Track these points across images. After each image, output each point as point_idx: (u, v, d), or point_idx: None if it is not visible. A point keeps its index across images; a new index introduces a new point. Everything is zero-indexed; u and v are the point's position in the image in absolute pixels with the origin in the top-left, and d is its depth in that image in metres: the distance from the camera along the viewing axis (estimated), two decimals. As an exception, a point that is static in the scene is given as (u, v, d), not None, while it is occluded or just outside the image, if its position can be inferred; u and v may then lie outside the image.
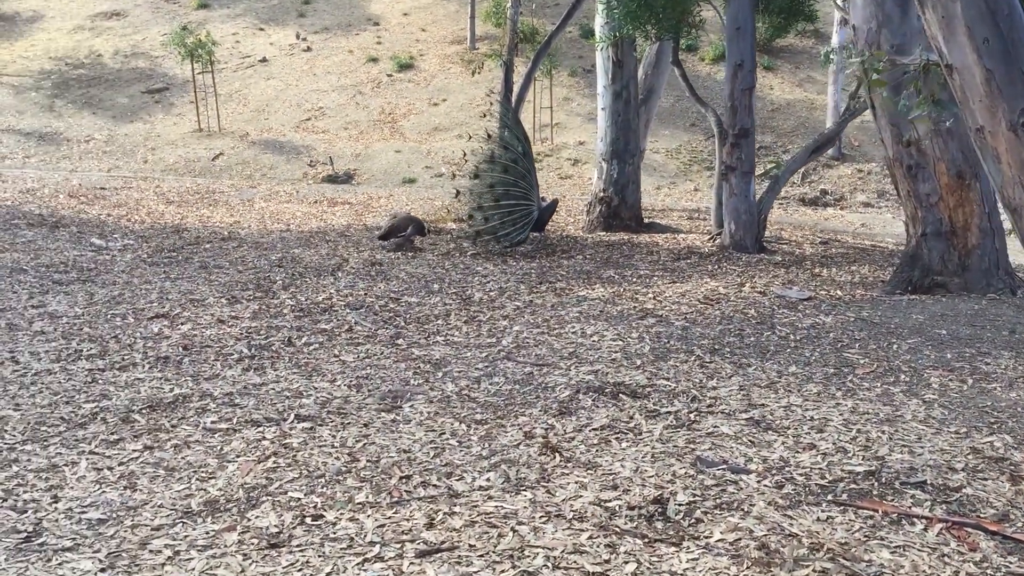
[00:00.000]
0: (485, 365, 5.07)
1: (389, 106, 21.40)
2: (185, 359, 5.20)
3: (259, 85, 22.20)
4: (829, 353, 5.25)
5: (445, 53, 23.67)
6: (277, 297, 7.05)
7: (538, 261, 8.91)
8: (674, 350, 5.30)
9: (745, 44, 9.16)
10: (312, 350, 5.46)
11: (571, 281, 7.76)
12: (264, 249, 9.69)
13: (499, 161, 9.59)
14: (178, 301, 6.80)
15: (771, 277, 7.81)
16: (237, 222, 12.02)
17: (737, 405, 4.25)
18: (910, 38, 6.70)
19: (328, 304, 6.76)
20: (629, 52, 11.29)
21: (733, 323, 5.99)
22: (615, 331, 5.73)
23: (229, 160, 18.66)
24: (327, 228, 11.66)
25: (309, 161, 18.76)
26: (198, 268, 8.40)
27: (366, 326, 6.05)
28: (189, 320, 6.19)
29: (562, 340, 5.58)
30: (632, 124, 11.39)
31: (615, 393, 4.45)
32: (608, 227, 11.32)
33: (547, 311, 6.47)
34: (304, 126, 20.57)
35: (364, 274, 8.15)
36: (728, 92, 9.34)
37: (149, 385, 4.66)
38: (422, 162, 18.92)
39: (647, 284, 7.54)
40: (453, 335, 5.82)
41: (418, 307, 6.69)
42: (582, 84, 22.36)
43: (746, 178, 9.34)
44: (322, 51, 23.88)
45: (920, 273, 6.92)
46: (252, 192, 15.68)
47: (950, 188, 6.69)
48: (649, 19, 10.21)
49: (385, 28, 25.07)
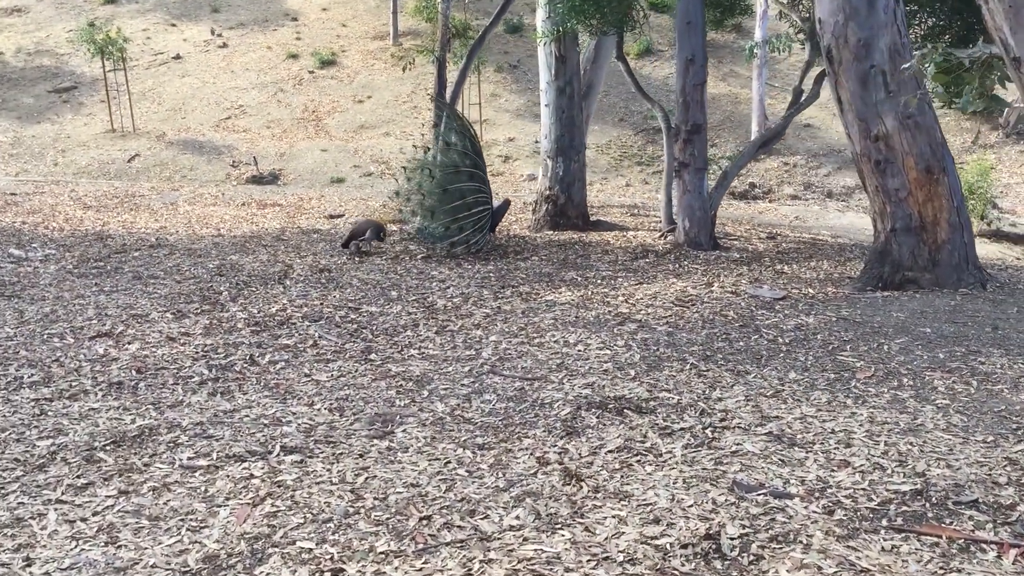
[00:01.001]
0: (471, 381, 4.76)
1: (312, 104, 20.80)
2: (140, 384, 4.76)
3: (174, 83, 21.34)
4: (823, 356, 5.10)
5: (368, 49, 23.15)
6: (226, 309, 6.61)
7: (493, 263, 8.61)
8: (666, 358, 5.08)
9: (696, 39, 9.01)
10: (279, 369, 5.07)
11: (534, 285, 7.48)
12: (198, 256, 9.18)
13: (454, 162, 9.25)
14: (119, 317, 6.31)
15: (736, 276, 7.67)
16: (163, 227, 11.42)
17: (750, 418, 4.04)
18: (876, 31, 6.61)
19: (284, 316, 6.36)
20: (572, 47, 11.06)
21: (716, 327, 5.80)
22: (599, 339, 5.48)
23: (146, 161, 17.86)
24: (261, 232, 11.15)
25: (232, 161, 18.07)
26: (132, 279, 7.87)
27: (332, 340, 5.67)
28: (136, 338, 5.72)
29: (545, 350, 5.31)
30: (576, 120, 11.17)
31: (619, 408, 4.20)
32: (555, 226, 11.08)
33: (519, 318, 6.18)
34: (224, 125, 19.83)
35: (314, 281, 7.74)
36: (680, 87, 9.17)
37: (107, 416, 4.22)
38: (350, 161, 18.41)
39: (613, 286, 7.32)
40: (427, 348, 5.49)
41: (381, 317, 6.33)
42: (509, 80, 22.13)
43: (699, 174, 9.20)
44: (239, 47, 23.10)
45: (890, 269, 6.84)
46: (175, 195, 14.99)
47: (919, 183, 6.63)
48: (594, 13, 10.00)
49: (304, 23, 24.40)
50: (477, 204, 9.07)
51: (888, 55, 6.57)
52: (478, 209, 9.06)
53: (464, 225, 8.96)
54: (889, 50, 6.57)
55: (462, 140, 9.32)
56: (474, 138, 9.41)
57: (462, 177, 9.15)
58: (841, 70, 6.73)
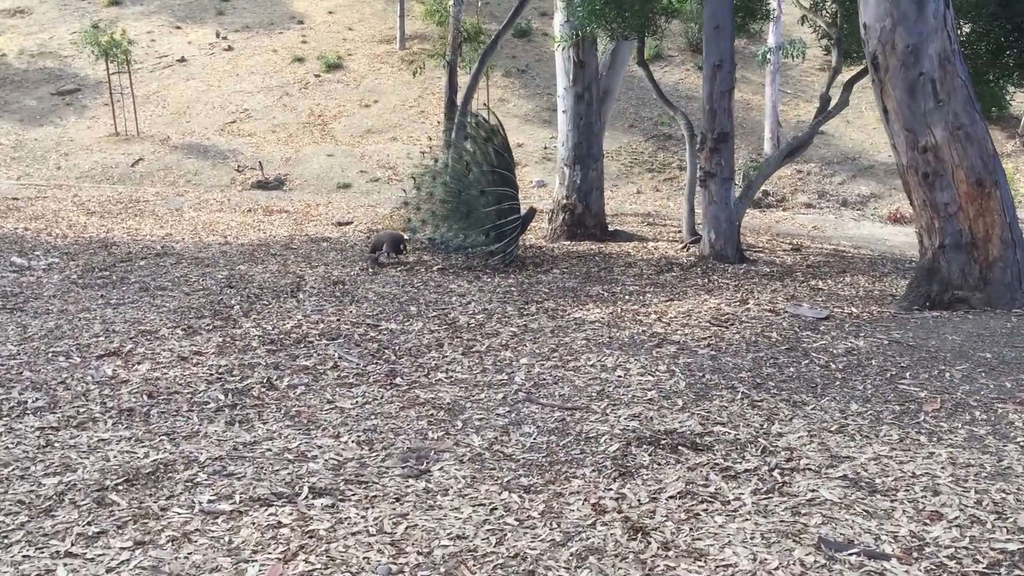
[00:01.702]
0: (507, 410, 4.43)
1: (318, 108, 20.49)
2: (153, 411, 4.43)
3: (178, 86, 21.02)
4: (883, 385, 4.76)
5: (374, 53, 22.85)
6: (239, 325, 6.28)
7: (514, 277, 8.28)
8: (713, 386, 4.74)
9: (724, 44, 8.69)
10: (299, 394, 4.73)
11: (559, 300, 7.15)
12: (206, 266, 8.85)
13: (492, 164, 8.94)
14: (127, 333, 5.97)
15: (771, 292, 7.33)
16: (169, 235, 11.09)
17: (819, 458, 3.70)
18: (925, 37, 6.28)
19: (300, 333, 6.02)
20: (591, 52, 10.74)
21: (762, 350, 5.46)
22: (638, 363, 5.15)
23: (150, 166, 17.53)
24: (269, 240, 10.82)
25: (236, 166, 17.75)
26: (139, 291, 7.54)
27: (353, 361, 5.33)
28: (145, 358, 5.38)
29: (582, 376, 4.97)
30: (595, 127, 10.85)
31: (673, 445, 3.86)
32: (572, 235, 10.75)
33: (549, 338, 5.85)
34: (229, 129, 19.51)
35: (328, 295, 7.41)
36: (707, 94, 8.84)
37: (119, 449, 3.89)
38: (356, 166, 18.09)
39: (643, 302, 6.98)
40: (455, 371, 5.15)
41: (403, 335, 6.00)
42: (517, 85, 21.82)
43: (726, 184, 8.87)
44: (244, 50, 22.79)
45: (939, 287, 6.50)
46: (180, 200, 14.66)
47: (970, 197, 6.30)
48: (615, 18, 9.68)
49: (310, 27, 24.10)
50: (512, 211, 8.76)
51: (938, 62, 6.24)
52: (512, 217, 8.75)
53: (503, 233, 8.64)
54: (939, 57, 6.23)
55: (494, 142, 9.00)
56: (507, 141, 9.10)
57: (497, 181, 8.84)
58: (887, 78, 6.40)
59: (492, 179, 9.03)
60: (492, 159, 9.10)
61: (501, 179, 8.92)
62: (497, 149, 9.04)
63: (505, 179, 8.93)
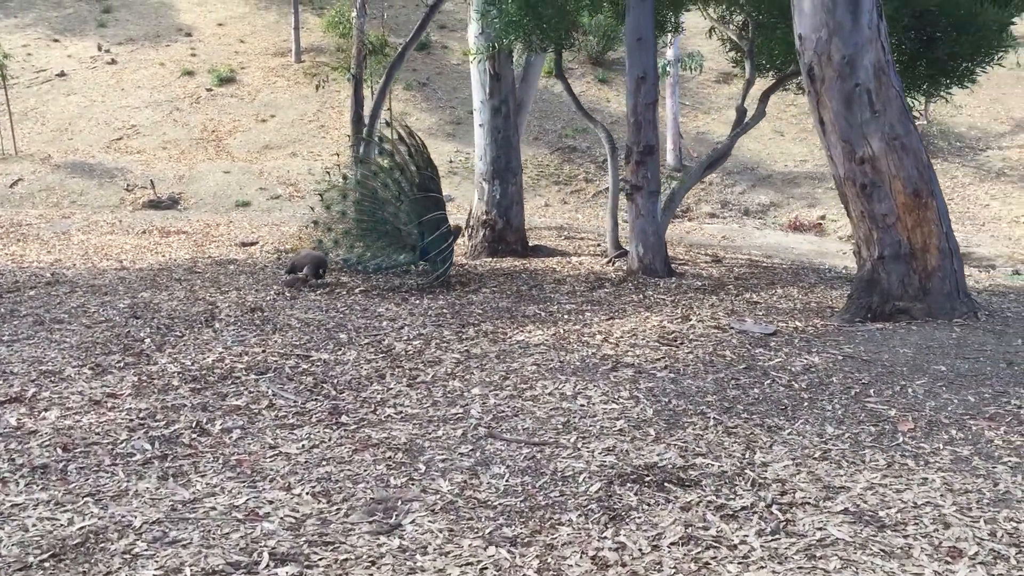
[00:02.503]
0: (470, 448, 4.10)
1: (212, 123, 19.69)
2: (70, 466, 3.93)
3: (58, 102, 19.89)
4: (851, 404, 4.62)
5: (269, 66, 22.13)
6: (153, 361, 5.76)
7: (443, 297, 7.93)
8: (682, 412, 4.51)
9: (648, 56, 8.56)
10: (236, 439, 4.29)
11: (496, 322, 6.85)
12: (104, 295, 8.22)
13: (426, 185, 8.59)
14: (27, 375, 5.39)
15: (709, 308, 7.19)
16: (58, 260, 10.35)
17: (813, 490, 3.50)
18: (861, 47, 6.24)
19: (224, 368, 5.55)
20: (507, 64, 10.50)
21: (720, 370, 5.27)
22: (599, 390, 4.88)
23: (30, 186, 16.48)
24: (170, 264, 10.20)
25: (126, 185, 16.86)
26: (33, 324, 6.91)
27: (289, 398, 4.91)
28: (52, 403, 4.84)
29: (542, 406, 4.68)
30: (513, 141, 10.62)
31: (658, 482, 3.60)
32: (493, 252, 10.47)
33: (496, 365, 5.54)
34: (116, 146, 18.55)
35: (247, 323, 6.92)
36: (631, 107, 8.70)
37: (37, 516, 3.39)
38: (255, 183, 17.41)
39: (583, 322, 6.74)
40: (404, 405, 4.79)
41: (338, 366, 5.59)
42: (419, 98, 21.48)
43: (653, 198, 8.74)
44: (129, 64, 21.77)
45: (880, 299, 6.46)
46: (66, 223, 13.79)
47: (907, 207, 6.27)
48: (534, 29, 9.46)
49: (199, 39, 23.20)
50: (440, 229, 8.43)
51: (873, 72, 6.21)
52: (443, 233, 8.41)
53: (439, 252, 8.28)
54: (874, 67, 6.20)
55: (421, 160, 8.66)
56: (428, 155, 8.77)
57: (428, 201, 8.49)
58: (823, 89, 6.34)
59: (416, 195, 8.68)
60: (414, 175, 8.76)
61: (425, 195, 8.58)
62: (420, 164, 8.71)
63: (430, 195, 8.59)
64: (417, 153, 8.83)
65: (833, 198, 18.98)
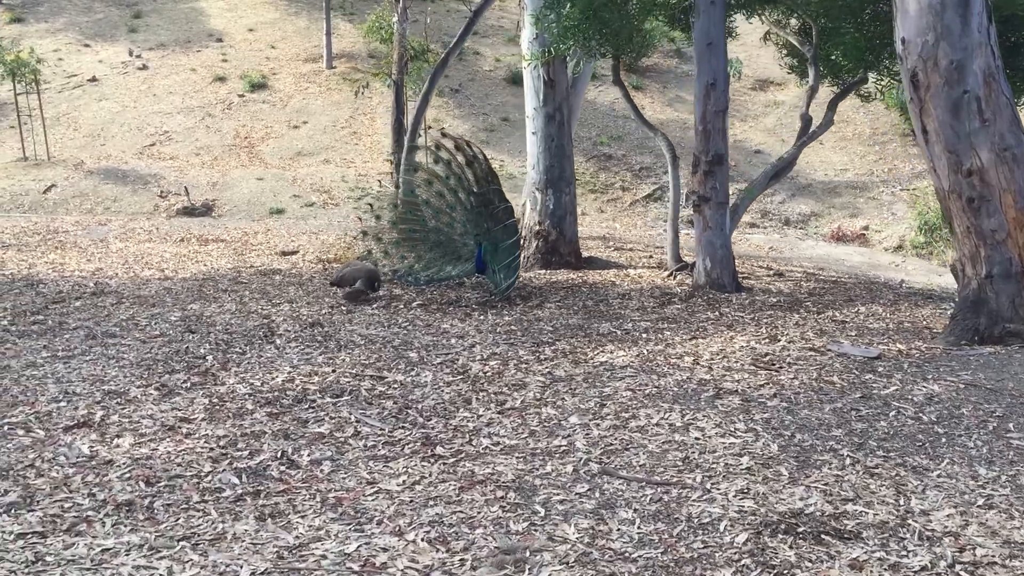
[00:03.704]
0: (586, 488, 3.75)
1: (244, 129, 19.46)
2: (156, 503, 3.61)
3: (90, 107, 19.72)
4: (993, 440, 4.26)
5: (300, 72, 21.91)
6: (220, 381, 5.45)
7: (507, 313, 7.60)
8: (809, 447, 4.16)
9: (718, 61, 8.22)
10: (329, 473, 3.96)
11: (571, 340, 6.50)
12: (152, 306, 7.94)
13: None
14: (91, 396, 5.09)
15: (795, 327, 6.82)
16: (100, 269, 10.08)
17: (994, 546, 3.14)
18: (970, 52, 5.88)
19: (296, 390, 5.23)
20: (562, 71, 10.18)
21: (835, 399, 4.91)
22: (710, 421, 4.53)
23: (64, 192, 16.28)
24: (213, 274, 9.92)
25: (160, 192, 16.64)
26: (85, 339, 6.62)
27: (375, 425, 4.58)
28: (124, 428, 4.53)
29: (652, 438, 4.33)
30: (567, 149, 10.29)
31: (813, 533, 3.25)
32: (547, 264, 10.13)
33: (586, 389, 5.19)
34: (149, 152, 18.34)
35: (308, 339, 6.61)
36: (699, 115, 8.35)
37: (132, 563, 3.07)
38: (288, 190, 17.16)
39: (664, 341, 6.39)
40: (500, 435, 4.45)
41: (416, 389, 5.26)
42: (451, 104, 21.20)
43: (721, 209, 8.39)
44: (160, 69, 21.59)
45: (987, 320, 6.08)
46: (103, 230, 13.55)
47: (1019, 223, 5.90)
48: (593, 35, 9.13)
49: (230, 44, 23.01)
50: (512, 241, 8.12)
51: (983, 79, 5.85)
52: (513, 242, 8.10)
53: (508, 266, 7.96)
54: (984, 73, 5.84)
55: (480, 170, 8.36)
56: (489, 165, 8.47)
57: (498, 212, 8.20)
58: (928, 96, 5.98)
59: (473, 204, 8.38)
60: (471, 184, 8.46)
61: (487, 205, 8.27)
62: (479, 174, 8.40)
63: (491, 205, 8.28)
64: (475, 162, 8.53)
65: (875, 208, 18.59)
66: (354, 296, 8.04)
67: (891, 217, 18.30)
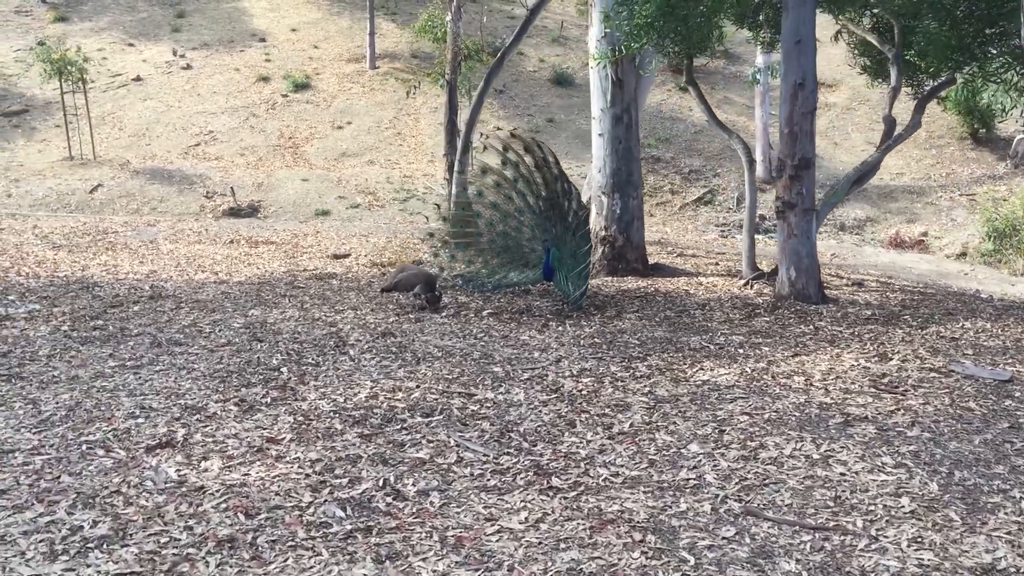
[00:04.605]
0: (733, 531, 3.37)
1: (288, 129, 19.22)
2: (260, 538, 3.27)
3: (135, 107, 19.55)
4: None
5: (343, 72, 21.65)
6: (301, 396, 5.12)
7: (584, 324, 7.22)
8: (973, 487, 3.75)
9: (807, 60, 7.79)
10: (440, 506, 3.61)
11: (662, 355, 6.12)
12: (212, 311, 7.65)
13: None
14: (168, 411, 4.78)
15: (903, 343, 6.38)
16: (153, 272, 9.82)
17: None
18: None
19: (382, 407, 4.89)
20: (631, 70, 9.79)
21: (979, 429, 4.49)
22: (848, 452, 4.13)
23: (110, 192, 16.09)
24: (268, 277, 9.62)
25: (205, 192, 16.41)
26: (150, 346, 6.32)
27: (478, 451, 4.22)
28: (210, 450, 4.20)
29: (790, 472, 3.93)
30: (634, 152, 9.89)
31: (1011, 592, 2.85)
32: (613, 271, 9.74)
33: (696, 412, 4.81)
34: (193, 152, 18.14)
35: (383, 350, 6.27)
36: (786, 116, 7.92)
37: (245, 617, 2.74)
38: (334, 192, 16.89)
39: (764, 358, 5.98)
40: (616, 463, 4.07)
41: (511, 408, 4.90)
42: (495, 106, 20.85)
43: (807, 216, 7.95)
44: (204, 69, 21.40)
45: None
46: (152, 231, 13.32)
47: None
48: (668, 32, 8.73)
49: (273, 44, 22.80)
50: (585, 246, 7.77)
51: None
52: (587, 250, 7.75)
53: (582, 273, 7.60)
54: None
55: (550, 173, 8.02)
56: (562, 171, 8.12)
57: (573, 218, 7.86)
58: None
59: (545, 210, 8.03)
60: (540, 187, 8.10)
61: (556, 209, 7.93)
62: (548, 177, 8.05)
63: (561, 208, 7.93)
64: (545, 165, 8.16)
65: (933, 213, 18.02)
66: (430, 302, 7.69)
67: (951, 223, 17.75)
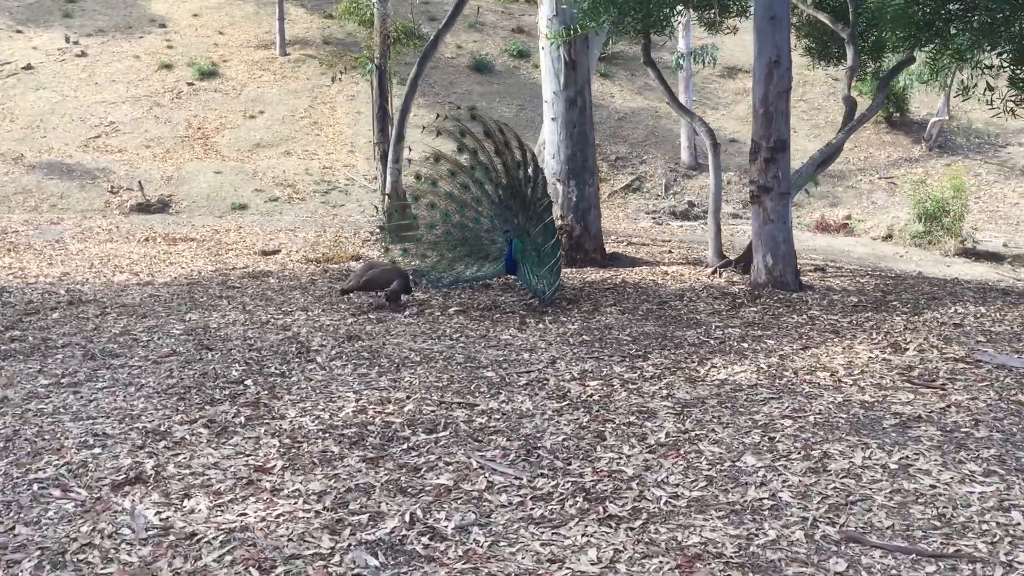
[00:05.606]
0: (844, 565, 2.89)
1: (197, 120, 18.14)
2: (284, 604, 2.65)
3: (27, 97, 18.14)
4: None
5: (253, 59, 20.59)
6: (279, 414, 4.46)
7: (565, 320, 6.70)
8: (1075, 494, 3.37)
9: (782, 37, 7.42)
10: (488, 546, 3.04)
11: (663, 353, 5.64)
12: (142, 317, 6.89)
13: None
14: (127, 437, 4.08)
15: (909, 332, 6.04)
16: (66, 274, 8.92)
17: None
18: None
19: (376, 424, 4.28)
20: (583, 51, 9.29)
21: (1038, 424, 4.15)
22: (928, 460, 3.70)
23: (5, 189, 14.84)
24: (196, 277, 8.83)
25: (110, 187, 15.31)
26: (83, 359, 5.57)
27: (508, 473, 3.66)
28: (190, 485, 3.53)
29: (871, 486, 3.48)
30: (589, 136, 9.40)
31: None
32: (571, 261, 9.23)
33: (731, 417, 4.34)
34: (94, 144, 16.92)
35: (353, 355, 5.64)
36: (760, 96, 7.54)
37: None
38: (250, 184, 15.98)
39: (774, 352, 5.56)
40: (669, 482, 3.56)
41: (524, 420, 4.34)
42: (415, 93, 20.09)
43: (784, 200, 7.60)
44: (101, 56, 20.05)
45: None
46: (57, 230, 12.25)
47: None
48: (629, 10, 8.26)
49: (174, 30, 21.54)
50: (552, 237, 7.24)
51: None
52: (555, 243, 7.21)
53: (553, 268, 7.06)
54: None
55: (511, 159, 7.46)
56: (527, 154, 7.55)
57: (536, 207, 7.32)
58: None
59: (502, 198, 7.50)
60: (501, 174, 7.54)
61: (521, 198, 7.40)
62: (509, 163, 7.49)
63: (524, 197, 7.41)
64: (506, 149, 7.59)
65: (854, 196, 18.17)
66: (394, 298, 7.08)
67: (871, 206, 17.93)
